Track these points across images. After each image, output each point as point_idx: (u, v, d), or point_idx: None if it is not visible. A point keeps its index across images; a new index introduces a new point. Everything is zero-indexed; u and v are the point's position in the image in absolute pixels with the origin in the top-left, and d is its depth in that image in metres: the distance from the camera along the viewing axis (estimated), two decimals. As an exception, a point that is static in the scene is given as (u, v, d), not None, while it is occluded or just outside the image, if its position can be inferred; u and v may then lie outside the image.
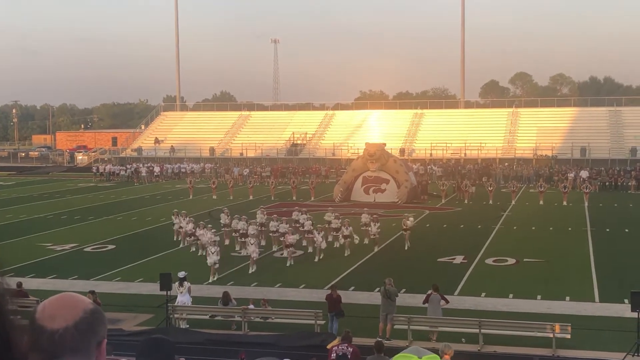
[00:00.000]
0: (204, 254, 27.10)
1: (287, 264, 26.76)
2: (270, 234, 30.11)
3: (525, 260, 27.45)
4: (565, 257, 28.06)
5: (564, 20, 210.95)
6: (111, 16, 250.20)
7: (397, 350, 11.23)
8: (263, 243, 29.70)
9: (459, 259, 27.71)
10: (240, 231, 28.98)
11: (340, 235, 29.72)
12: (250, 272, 25.51)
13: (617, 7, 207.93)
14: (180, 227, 31.27)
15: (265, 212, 33.43)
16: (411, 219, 31.67)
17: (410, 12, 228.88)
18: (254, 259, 25.89)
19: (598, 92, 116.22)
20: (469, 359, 15.95)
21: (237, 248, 29.13)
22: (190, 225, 30.04)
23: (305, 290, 23.12)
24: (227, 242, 30.61)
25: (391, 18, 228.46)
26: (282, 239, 28.71)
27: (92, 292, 18.93)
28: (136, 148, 79.94)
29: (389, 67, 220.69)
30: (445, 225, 36.74)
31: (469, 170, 59.84)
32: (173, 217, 32.57)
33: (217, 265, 24.86)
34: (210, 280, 24.41)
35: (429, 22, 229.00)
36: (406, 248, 29.77)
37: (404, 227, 30.59)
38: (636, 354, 16.54)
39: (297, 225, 30.41)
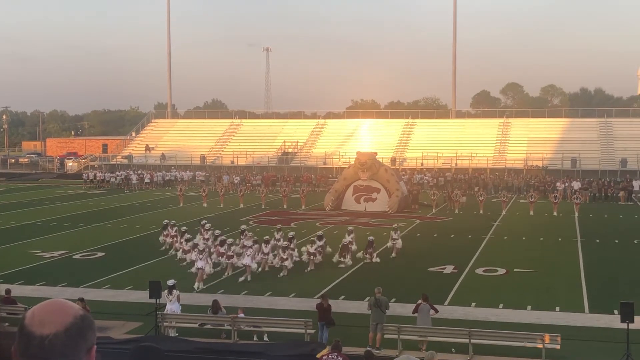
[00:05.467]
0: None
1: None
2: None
3: (515, 270, 27.48)
4: (556, 267, 28.11)
5: (556, 32, 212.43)
6: (103, 23, 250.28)
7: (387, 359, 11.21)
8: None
9: (449, 269, 27.71)
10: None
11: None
12: (240, 280, 25.46)
13: (608, 19, 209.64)
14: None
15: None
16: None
17: (402, 23, 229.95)
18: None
19: (589, 103, 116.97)
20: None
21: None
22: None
23: (296, 299, 23.06)
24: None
25: (383, 28, 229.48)
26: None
27: (81, 300, 18.84)
28: (127, 155, 79.76)
29: (381, 77, 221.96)
30: (435, 235, 36.75)
31: (459, 180, 59.98)
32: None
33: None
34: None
35: (420, 32, 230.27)
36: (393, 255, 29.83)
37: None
38: (625, 365, 16.56)
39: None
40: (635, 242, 34.20)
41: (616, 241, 34.58)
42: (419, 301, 18.69)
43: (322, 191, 55.96)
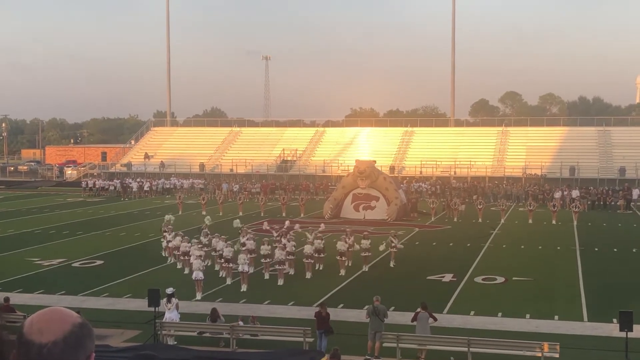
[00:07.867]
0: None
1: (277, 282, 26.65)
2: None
3: (514, 278, 27.47)
4: (554, 276, 28.11)
5: (554, 41, 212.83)
6: (102, 31, 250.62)
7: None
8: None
9: (448, 277, 27.70)
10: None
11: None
12: (242, 290, 25.42)
13: (607, 28, 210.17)
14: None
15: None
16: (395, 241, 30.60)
17: (401, 31, 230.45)
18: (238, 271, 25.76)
19: (587, 112, 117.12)
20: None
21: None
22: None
23: (294, 308, 23.04)
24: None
25: (382, 36, 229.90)
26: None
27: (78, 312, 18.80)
28: (126, 163, 79.75)
29: (380, 85, 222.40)
30: (434, 243, 36.74)
31: (458, 188, 59.96)
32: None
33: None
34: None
35: (419, 41, 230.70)
36: (392, 265, 29.81)
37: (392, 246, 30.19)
38: (624, 374, 16.54)
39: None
40: (634, 250, 34.20)
41: (615, 250, 34.57)
42: (418, 309, 18.66)
43: (321, 199, 55.95)
